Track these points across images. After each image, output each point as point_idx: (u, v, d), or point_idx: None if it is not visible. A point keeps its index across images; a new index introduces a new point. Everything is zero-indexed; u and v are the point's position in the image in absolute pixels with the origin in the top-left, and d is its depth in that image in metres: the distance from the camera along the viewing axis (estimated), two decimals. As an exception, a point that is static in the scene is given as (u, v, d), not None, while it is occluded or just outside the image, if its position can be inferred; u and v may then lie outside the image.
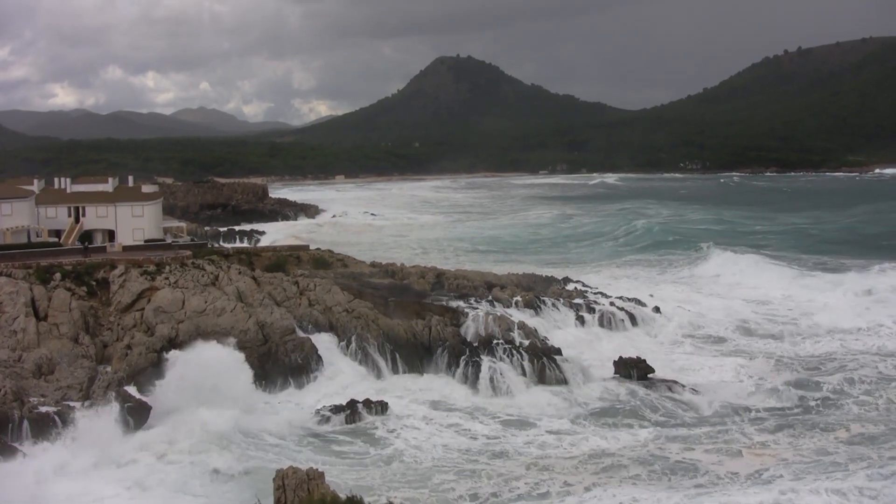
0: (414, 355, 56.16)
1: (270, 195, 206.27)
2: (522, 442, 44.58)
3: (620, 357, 57.19)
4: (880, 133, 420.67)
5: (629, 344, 63.03)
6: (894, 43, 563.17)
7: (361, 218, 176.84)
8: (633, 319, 67.81)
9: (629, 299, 73.80)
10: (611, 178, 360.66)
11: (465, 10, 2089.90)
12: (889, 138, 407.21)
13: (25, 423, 41.71)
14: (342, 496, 25.29)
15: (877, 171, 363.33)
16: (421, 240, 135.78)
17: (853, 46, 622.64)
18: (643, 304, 72.32)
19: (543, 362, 54.79)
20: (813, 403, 49.72)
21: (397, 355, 55.72)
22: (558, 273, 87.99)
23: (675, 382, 54.03)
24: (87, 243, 70.94)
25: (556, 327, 64.97)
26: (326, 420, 46.70)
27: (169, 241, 76.63)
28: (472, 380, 53.43)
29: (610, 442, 44.32)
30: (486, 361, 54.11)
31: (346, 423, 46.41)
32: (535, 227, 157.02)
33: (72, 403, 45.47)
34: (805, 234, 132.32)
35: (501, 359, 54.54)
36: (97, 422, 42.85)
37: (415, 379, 54.63)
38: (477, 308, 62.81)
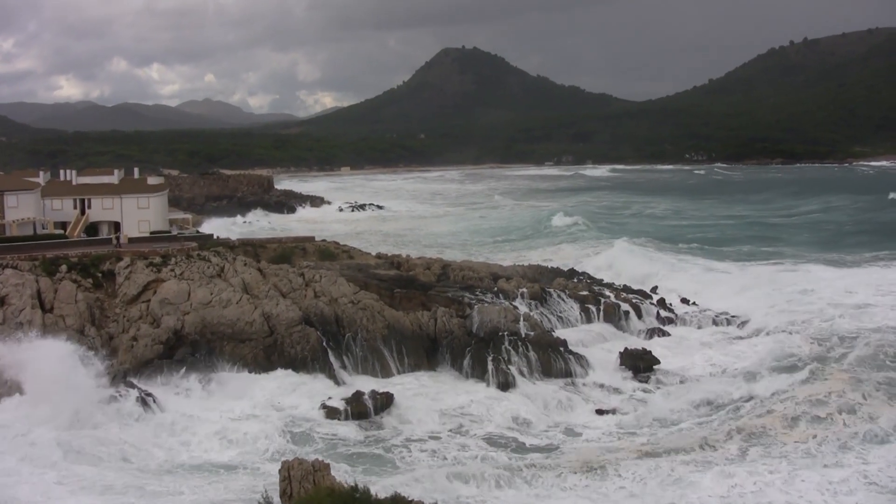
0: (419, 347, 56.15)
1: (276, 187, 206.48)
2: (540, 437, 44.65)
3: (626, 348, 57.18)
4: (887, 124, 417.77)
5: (634, 336, 63.05)
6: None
7: (368, 210, 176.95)
8: (637, 311, 67.67)
9: (634, 291, 73.88)
10: (599, 171, 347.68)
11: (471, 1, 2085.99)
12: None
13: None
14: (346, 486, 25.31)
15: (862, 163, 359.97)
16: (420, 232, 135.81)
17: (860, 37, 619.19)
18: (648, 297, 72.26)
19: (549, 354, 54.78)
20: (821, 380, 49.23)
21: (403, 347, 55.69)
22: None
23: (682, 374, 54.05)
24: (116, 235, 70.81)
25: (562, 319, 64.90)
26: (334, 413, 46.60)
27: (175, 232, 76.69)
28: (478, 372, 53.42)
29: (635, 432, 44.65)
30: (491, 353, 54.04)
31: (352, 415, 46.35)
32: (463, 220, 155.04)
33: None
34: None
35: (507, 350, 54.47)
36: None
37: (420, 371, 54.66)
38: (483, 300, 62.72)
